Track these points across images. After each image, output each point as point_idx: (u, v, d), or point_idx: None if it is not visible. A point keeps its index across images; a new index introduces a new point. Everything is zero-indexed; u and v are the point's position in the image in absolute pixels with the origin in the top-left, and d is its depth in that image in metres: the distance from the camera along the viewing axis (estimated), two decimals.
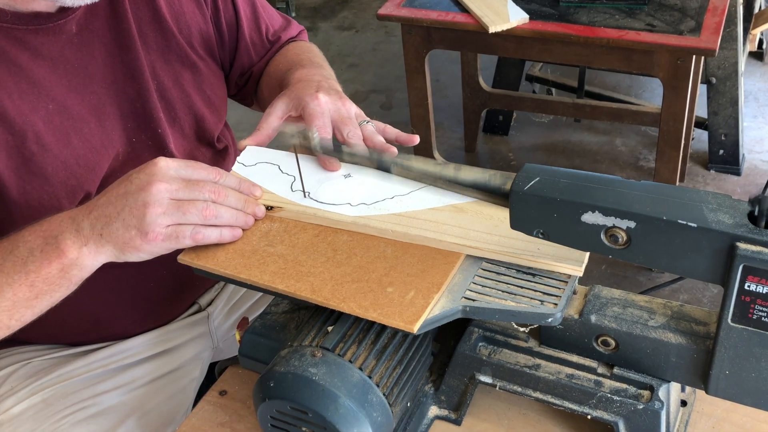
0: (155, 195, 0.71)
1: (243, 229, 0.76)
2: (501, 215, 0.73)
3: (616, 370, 0.70)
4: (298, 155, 0.83)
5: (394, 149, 0.83)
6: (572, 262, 0.69)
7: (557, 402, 0.72)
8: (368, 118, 0.87)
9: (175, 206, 0.72)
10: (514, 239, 0.71)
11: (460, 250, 0.72)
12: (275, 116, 0.87)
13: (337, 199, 0.79)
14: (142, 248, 0.72)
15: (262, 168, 0.84)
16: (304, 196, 0.81)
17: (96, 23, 0.86)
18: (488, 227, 0.73)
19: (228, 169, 1.03)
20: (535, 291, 0.68)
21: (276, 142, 0.89)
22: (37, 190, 0.82)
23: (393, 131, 0.87)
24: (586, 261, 0.69)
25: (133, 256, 0.74)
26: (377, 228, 0.75)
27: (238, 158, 0.85)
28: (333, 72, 1.02)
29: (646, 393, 0.69)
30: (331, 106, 0.85)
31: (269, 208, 0.78)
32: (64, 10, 0.82)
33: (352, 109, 0.87)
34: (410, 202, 0.78)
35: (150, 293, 0.96)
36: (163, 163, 0.73)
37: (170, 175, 0.73)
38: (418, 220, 0.75)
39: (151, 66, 0.91)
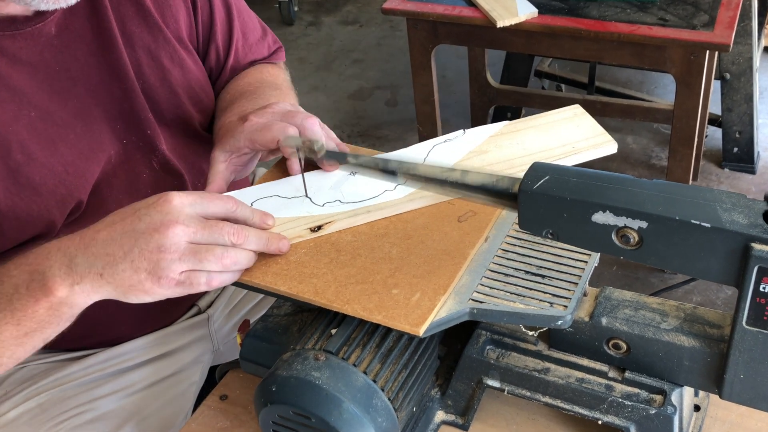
0: (172, 239, 0.66)
1: None
2: (520, 138, 0.84)
3: (627, 374, 0.70)
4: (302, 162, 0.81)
5: (345, 146, 0.83)
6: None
7: (567, 407, 0.71)
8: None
9: (191, 252, 0.66)
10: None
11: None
12: (219, 162, 0.82)
13: (370, 192, 0.77)
14: (152, 291, 0.68)
15: (264, 203, 0.80)
16: (306, 195, 0.79)
17: (76, 23, 0.84)
18: (518, 152, 0.81)
19: None
20: (545, 293, 0.67)
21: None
22: (25, 201, 0.79)
23: (333, 135, 0.84)
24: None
25: (137, 299, 0.69)
26: (435, 197, 0.75)
27: None
28: (287, 95, 0.97)
29: (658, 397, 0.68)
30: (268, 117, 0.81)
31: (317, 229, 0.75)
32: (41, 13, 0.80)
33: (286, 105, 0.84)
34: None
35: None
36: (178, 200, 0.67)
37: (186, 213, 0.67)
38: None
39: (136, 65, 0.88)
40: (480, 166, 0.79)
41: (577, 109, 0.87)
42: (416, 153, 0.83)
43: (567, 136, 0.83)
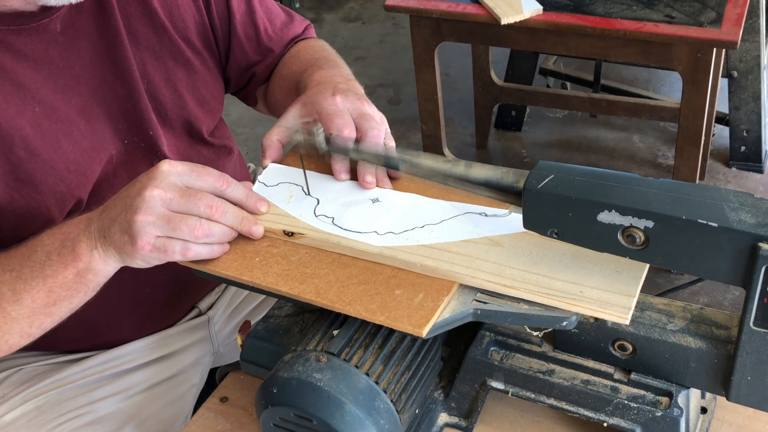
0: (147, 201, 0.68)
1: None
2: (539, 251, 0.68)
3: (633, 376, 0.69)
4: (304, 159, 0.80)
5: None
6: (618, 309, 0.62)
7: (572, 409, 0.70)
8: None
9: (165, 218, 0.69)
10: (553, 279, 0.65)
11: (495, 288, 0.66)
12: (290, 118, 0.83)
13: (363, 226, 0.74)
14: (134, 255, 0.70)
15: (286, 188, 0.80)
16: (308, 194, 0.79)
17: (82, 21, 0.84)
18: (525, 263, 0.67)
19: (228, 168, 1.02)
20: None
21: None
22: (25, 197, 0.80)
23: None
24: (632, 307, 0.62)
25: (132, 263, 0.72)
26: (405, 261, 0.69)
27: (259, 177, 0.81)
28: (351, 72, 0.97)
29: (664, 399, 0.68)
30: (350, 105, 0.81)
31: (290, 234, 0.74)
32: (47, 9, 0.79)
33: (375, 111, 0.82)
34: (442, 232, 0.72)
35: (148, 298, 0.94)
36: (166, 167, 0.70)
37: (169, 181, 0.69)
38: (449, 253, 0.69)
39: (141, 64, 0.88)
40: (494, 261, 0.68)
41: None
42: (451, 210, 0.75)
43: (596, 279, 0.65)
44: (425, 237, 0.72)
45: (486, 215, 0.74)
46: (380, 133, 0.79)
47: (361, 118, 0.79)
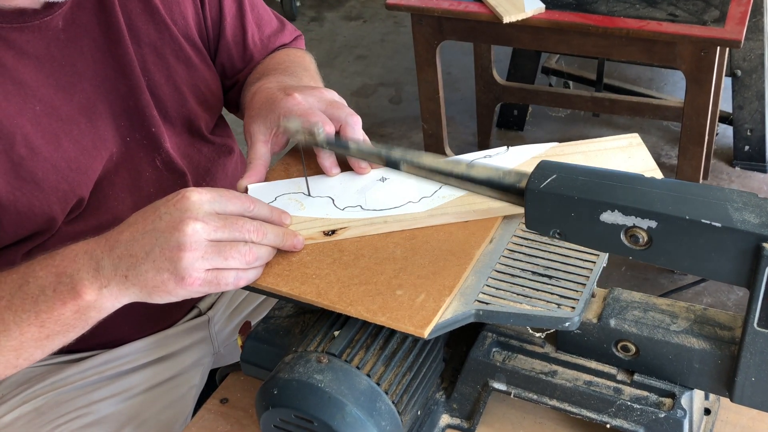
0: (191, 236, 0.64)
1: None
2: None
3: (636, 377, 0.69)
4: (303, 156, 0.80)
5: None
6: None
7: (575, 410, 0.70)
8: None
9: (215, 250, 0.65)
10: None
11: None
12: (261, 142, 0.81)
13: (394, 201, 0.74)
14: (175, 292, 0.67)
15: (286, 199, 0.78)
16: (308, 194, 0.78)
17: (83, 18, 0.84)
18: None
19: (229, 167, 1.01)
20: (552, 294, 0.66)
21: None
22: (26, 195, 0.79)
23: (368, 141, 0.81)
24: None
25: (162, 299, 0.68)
26: (457, 213, 0.71)
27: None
28: (315, 80, 0.96)
29: (667, 401, 0.67)
30: (312, 99, 0.80)
31: (330, 233, 0.73)
32: (49, 6, 0.80)
33: (334, 93, 0.81)
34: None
35: None
36: (196, 196, 0.66)
37: (205, 211, 0.66)
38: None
39: (142, 61, 0.88)
40: None
41: (633, 139, 0.82)
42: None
43: (615, 167, 0.72)
44: (457, 191, 0.74)
45: (490, 156, 0.79)
46: (357, 118, 0.78)
47: (330, 107, 0.79)
